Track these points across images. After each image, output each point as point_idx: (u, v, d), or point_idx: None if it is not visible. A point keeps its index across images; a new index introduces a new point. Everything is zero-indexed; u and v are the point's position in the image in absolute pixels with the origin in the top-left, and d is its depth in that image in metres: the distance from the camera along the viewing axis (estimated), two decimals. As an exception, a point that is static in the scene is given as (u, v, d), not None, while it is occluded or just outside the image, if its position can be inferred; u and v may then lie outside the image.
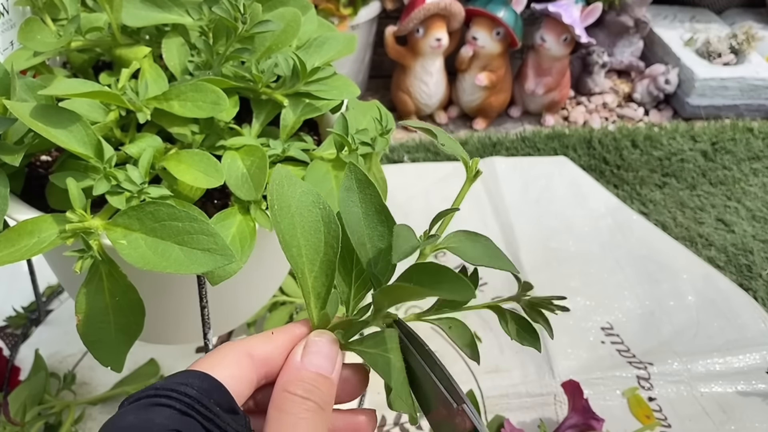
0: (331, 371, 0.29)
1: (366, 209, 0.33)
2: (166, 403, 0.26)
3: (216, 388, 0.27)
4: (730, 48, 1.31)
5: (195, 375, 0.27)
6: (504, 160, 1.06)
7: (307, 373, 0.29)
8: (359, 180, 0.33)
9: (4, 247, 0.38)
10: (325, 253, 0.31)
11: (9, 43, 0.48)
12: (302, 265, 0.31)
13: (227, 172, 0.43)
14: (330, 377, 0.29)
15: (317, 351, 0.30)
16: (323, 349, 0.30)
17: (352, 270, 0.33)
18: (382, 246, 0.32)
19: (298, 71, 0.46)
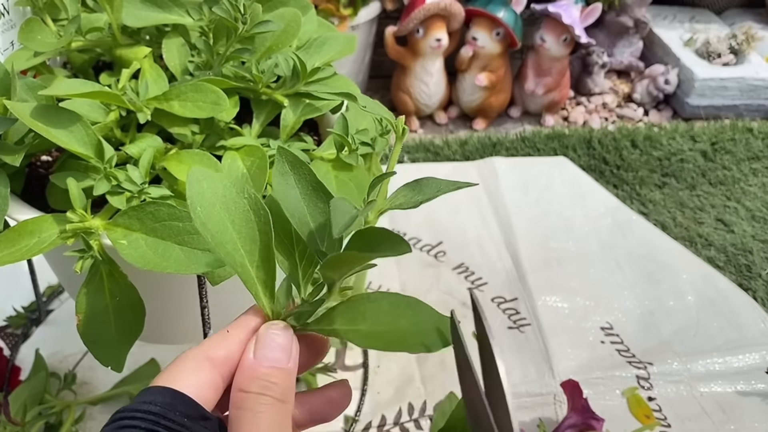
0: (287, 362, 0.29)
1: (303, 189, 0.33)
2: (130, 425, 0.26)
3: (180, 400, 0.27)
4: (729, 48, 1.32)
5: (157, 391, 0.28)
6: (504, 160, 1.06)
7: (261, 370, 0.29)
8: (291, 162, 0.33)
9: (4, 247, 0.38)
10: (261, 241, 0.31)
11: (9, 43, 0.48)
12: (241, 258, 0.31)
13: (227, 172, 0.43)
14: (285, 367, 0.29)
15: (269, 344, 0.29)
16: (275, 340, 0.29)
17: (294, 251, 0.33)
18: (324, 222, 0.32)
19: (298, 71, 0.46)
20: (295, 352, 0.30)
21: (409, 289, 0.83)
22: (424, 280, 0.85)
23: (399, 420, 0.68)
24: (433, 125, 1.27)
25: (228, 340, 0.30)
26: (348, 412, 0.69)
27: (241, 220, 0.31)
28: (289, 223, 0.32)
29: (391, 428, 0.68)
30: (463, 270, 0.87)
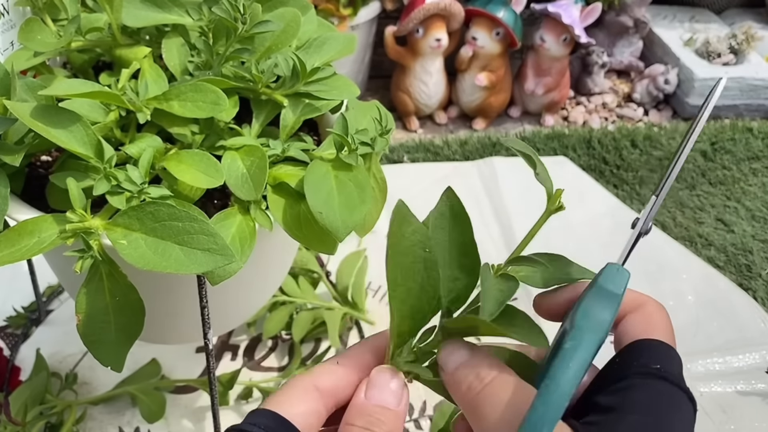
0: (396, 404, 0.30)
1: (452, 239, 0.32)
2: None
3: (282, 425, 0.28)
4: (729, 48, 1.32)
5: (262, 414, 0.28)
6: (504, 160, 1.06)
7: (369, 407, 0.29)
8: (453, 207, 0.33)
9: (4, 247, 0.38)
10: (418, 298, 0.30)
11: (9, 43, 0.48)
12: (394, 302, 0.30)
13: (227, 172, 0.43)
14: (394, 410, 0.29)
15: (380, 385, 0.30)
16: (386, 383, 0.30)
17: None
18: (460, 278, 0.31)
19: (297, 71, 0.46)
20: (405, 398, 0.30)
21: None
22: (424, 280, 0.85)
23: (399, 420, 0.68)
24: (433, 125, 1.27)
25: (336, 372, 0.31)
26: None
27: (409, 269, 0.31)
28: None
29: (391, 428, 0.68)
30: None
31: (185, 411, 0.67)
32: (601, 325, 0.26)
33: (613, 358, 0.29)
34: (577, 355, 0.25)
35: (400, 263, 0.30)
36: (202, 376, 0.70)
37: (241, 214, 0.43)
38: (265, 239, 0.44)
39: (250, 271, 0.43)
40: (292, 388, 0.30)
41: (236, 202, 0.43)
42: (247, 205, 0.43)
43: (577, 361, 0.25)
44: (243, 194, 0.42)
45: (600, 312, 0.27)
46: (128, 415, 0.67)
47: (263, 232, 0.43)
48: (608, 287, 0.29)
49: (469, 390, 0.28)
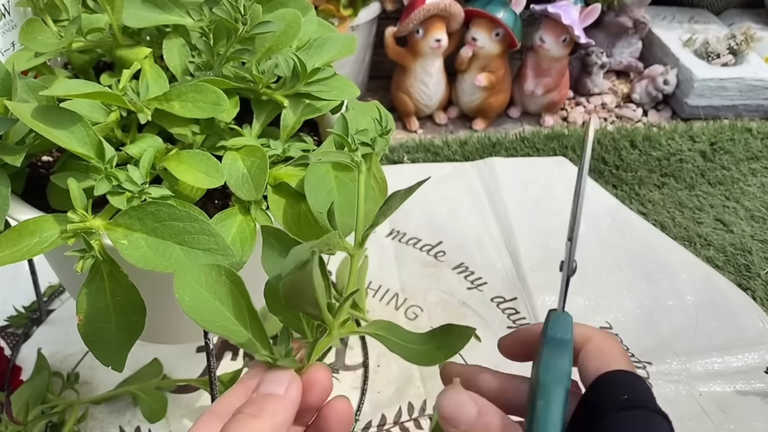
0: (282, 390, 0.31)
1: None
2: None
3: None
4: (728, 48, 1.32)
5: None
6: (503, 161, 1.07)
7: (257, 396, 0.31)
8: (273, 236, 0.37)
9: (5, 247, 0.38)
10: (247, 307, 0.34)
11: (10, 44, 0.48)
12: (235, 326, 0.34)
13: (228, 173, 0.43)
14: (280, 394, 0.31)
15: (269, 379, 0.32)
16: (275, 376, 0.32)
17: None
18: None
19: (298, 72, 0.46)
20: (294, 386, 0.31)
21: (409, 289, 0.83)
22: (424, 279, 0.85)
23: (399, 419, 0.68)
24: (433, 125, 1.27)
25: (230, 393, 0.32)
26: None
27: (226, 295, 0.34)
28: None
29: (391, 427, 0.68)
30: (462, 270, 0.87)
31: (186, 411, 0.68)
32: (562, 374, 0.30)
33: (584, 397, 0.30)
34: (551, 411, 0.28)
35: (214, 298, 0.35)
36: (202, 375, 0.70)
37: (242, 214, 0.43)
38: (266, 239, 0.44)
39: (250, 271, 0.43)
40: (196, 425, 0.31)
41: (237, 202, 0.43)
42: (247, 205, 0.43)
43: (552, 416, 0.28)
44: (243, 194, 0.42)
45: (558, 363, 0.30)
46: (129, 414, 0.67)
47: (264, 232, 0.43)
48: (558, 336, 0.31)
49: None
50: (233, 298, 0.34)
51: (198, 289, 0.34)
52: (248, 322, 0.34)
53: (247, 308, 0.34)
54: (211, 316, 0.33)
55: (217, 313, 0.34)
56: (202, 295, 0.34)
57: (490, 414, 0.30)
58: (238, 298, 0.34)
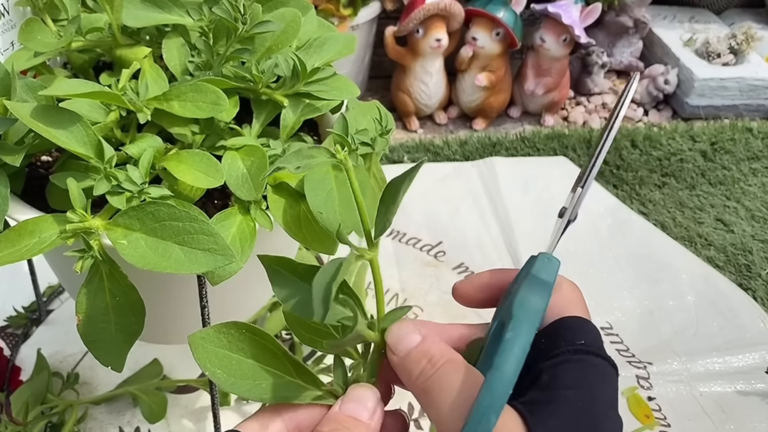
0: (367, 417, 0.30)
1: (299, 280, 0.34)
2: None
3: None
4: (729, 48, 1.32)
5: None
6: (504, 161, 1.06)
7: (341, 416, 0.30)
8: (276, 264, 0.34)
9: (4, 247, 0.38)
10: (283, 354, 0.33)
11: (9, 43, 0.48)
12: (286, 381, 0.33)
13: (227, 172, 0.43)
14: (365, 422, 0.30)
15: (355, 399, 0.31)
16: (361, 397, 0.31)
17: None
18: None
19: (298, 72, 0.46)
20: (377, 412, 0.31)
21: (409, 289, 0.83)
22: (424, 280, 0.85)
23: (399, 420, 0.68)
24: (433, 125, 1.27)
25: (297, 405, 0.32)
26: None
27: (255, 349, 0.32)
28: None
29: (391, 428, 0.68)
30: (463, 270, 0.87)
31: (186, 411, 0.68)
32: (537, 314, 0.29)
33: (540, 336, 0.30)
34: (517, 345, 0.27)
35: (249, 357, 0.33)
36: (202, 376, 0.70)
37: (242, 214, 0.43)
38: (265, 239, 0.44)
39: (250, 271, 0.43)
40: (255, 416, 0.31)
41: (236, 202, 0.43)
42: (247, 205, 0.43)
43: (517, 350, 0.27)
44: (243, 194, 0.42)
45: (535, 301, 0.29)
46: (129, 415, 0.67)
47: (263, 232, 0.43)
48: (541, 276, 0.31)
49: (421, 375, 0.29)
50: (266, 351, 0.32)
51: (224, 354, 0.32)
52: (291, 368, 0.32)
53: (284, 355, 0.32)
54: (253, 379, 0.32)
55: (259, 373, 0.32)
56: (232, 360, 0.32)
57: (430, 342, 0.30)
58: (271, 349, 0.32)
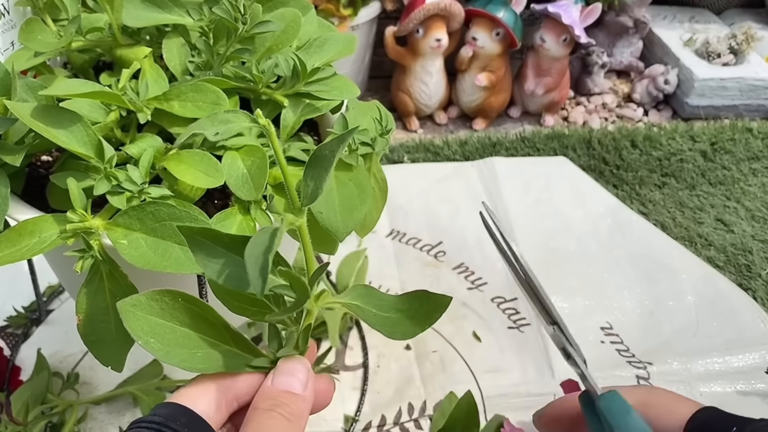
0: (301, 389, 0.31)
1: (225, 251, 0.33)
2: (137, 430, 0.29)
3: (182, 413, 0.30)
4: (729, 48, 1.32)
5: (162, 405, 0.31)
6: (504, 160, 1.06)
7: (274, 391, 0.31)
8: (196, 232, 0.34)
9: (4, 247, 0.38)
10: (218, 322, 0.33)
11: (10, 43, 0.48)
12: (219, 347, 0.33)
13: (227, 172, 0.43)
14: (299, 393, 0.31)
15: (285, 372, 0.31)
16: (291, 370, 0.32)
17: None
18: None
19: (298, 72, 0.46)
20: (310, 383, 0.32)
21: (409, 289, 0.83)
22: (424, 280, 0.85)
23: (399, 420, 0.68)
24: (433, 125, 1.27)
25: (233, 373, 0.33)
26: (348, 412, 0.69)
27: (191, 318, 0.32)
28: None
29: (391, 428, 0.68)
30: (463, 270, 0.87)
31: (185, 411, 0.67)
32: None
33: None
34: None
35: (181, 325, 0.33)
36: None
37: (242, 214, 0.43)
38: (266, 239, 0.44)
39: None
40: (190, 385, 0.32)
41: (237, 202, 0.43)
42: (247, 205, 0.43)
43: None
44: (243, 194, 0.42)
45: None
46: (129, 415, 0.67)
47: (263, 232, 0.43)
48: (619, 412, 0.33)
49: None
50: (202, 320, 0.32)
51: (157, 322, 0.32)
52: (229, 338, 0.32)
53: (220, 323, 0.32)
54: (186, 346, 0.32)
55: (191, 340, 0.32)
56: (166, 329, 0.32)
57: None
58: (208, 319, 0.32)
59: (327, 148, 0.32)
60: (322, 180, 0.32)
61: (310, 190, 0.32)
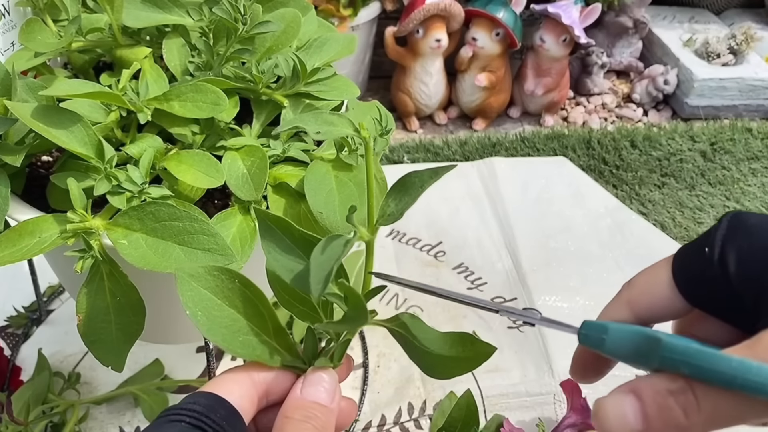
0: (330, 401, 0.32)
1: (288, 243, 0.34)
2: (176, 419, 0.29)
3: (220, 404, 0.30)
4: (728, 48, 1.32)
5: (201, 394, 0.31)
6: (503, 161, 1.07)
7: (306, 402, 0.31)
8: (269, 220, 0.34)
9: (5, 247, 0.38)
10: (266, 311, 0.33)
11: (10, 43, 0.48)
12: (260, 337, 0.33)
13: (228, 173, 0.43)
14: (328, 406, 0.32)
15: (315, 383, 0.32)
16: (321, 380, 0.32)
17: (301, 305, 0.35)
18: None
19: (298, 72, 0.46)
20: (337, 396, 0.32)
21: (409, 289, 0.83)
22: (424, 279, 0.85)
23: (399, 420, 0.68)
24: (433, 125, 1.27)
25: (267, 366, 0.33)
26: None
27: (242, 302, 0.33)
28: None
29: (391, 428, 0.68)
30: (462, 270, 0.87)
31: (185, 411, 0.68)
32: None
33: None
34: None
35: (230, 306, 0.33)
36: (202, 375, 0.70)
37: (242, 215, 0.43)
38: (266, 239, 0.44)
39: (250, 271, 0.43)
40: (226, 375, 0.32)
41: (237, 202, 0.43)
42: (247, 205, 0.43)
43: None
44: (243, 194, 0.42)
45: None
46: (129, 415, 0.67)
47: (263, 232, 0.43)
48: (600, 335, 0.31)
49: None
50: (252, 306, 0.33)
51: (209, 297, 0.32)
52: (272, 331, 0.33)
53: (268, 315, 0.33)
54: (227, 330, 0.32)
55: (237, 323, 0.32)
56: (215, 306, 0.32)
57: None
58: (257, 307, 0.33)
59: (417, 177, 0.33)
60: (404, 206, 0.33)
61: (388, 212, 0.33)
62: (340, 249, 0.29)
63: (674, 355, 0.25)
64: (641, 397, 0.27)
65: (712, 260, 0.28)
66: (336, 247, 0.29)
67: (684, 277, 0.31)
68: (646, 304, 0.32)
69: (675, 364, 0.25)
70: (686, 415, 0.24)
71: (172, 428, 0.29)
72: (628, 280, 0.33)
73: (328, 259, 0.28)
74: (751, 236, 0.28)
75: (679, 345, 0.25)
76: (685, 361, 0.25)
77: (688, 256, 0.31)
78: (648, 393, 0.27)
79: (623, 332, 0.28)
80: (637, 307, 0.32)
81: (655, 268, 0.32)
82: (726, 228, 0.28)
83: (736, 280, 0.27)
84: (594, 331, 0.30)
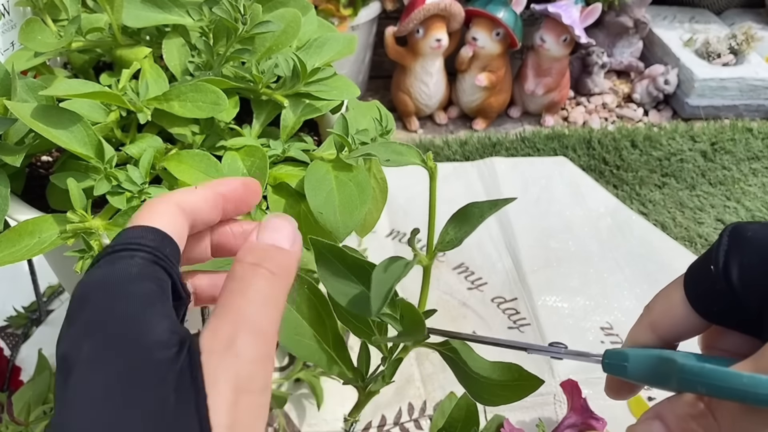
0: (288, 244, 0.29)
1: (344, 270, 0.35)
2: (129, 255, 0.26)
3: (167, 242, 0.27)
4: (729, 48, 1.32)
5: (144, 229, 0.27)
6: (504, 161, 1.06)
7: (260, 245, 0.28)
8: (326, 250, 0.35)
9: (5, 247, 0.38)
10: (328, 320, 0.35)
11: (10, 43, 0.48)
12: (320, 345, 0.34)
13: (227, 173, 0.43)
14: (285, 249, 0.28)
15: (272, 228, 0.29)
16: (278, 225, 0.29)
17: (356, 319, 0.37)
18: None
19: (298, 72, 0.46)
20: (297, 240, 0.29)
21: (409, 289, 0.83)
22: (424, 280, 0.85)
23: (399, 420, 0.68)
24: (433, 125, 1.27)
25: (196, 193, 0.30)
26: (348, 411, 0.69)
27: (307, 308, 0.34)
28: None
29: (391, 428, 0.68)
30: (463, 270, 0.87)
31: (185, 411, 0.67)
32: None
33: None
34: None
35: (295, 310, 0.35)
36: (202, 376, 0.70)
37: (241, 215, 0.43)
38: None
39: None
40: (155, 205, 0.28)
41: (236, 202, 0.43)
42: (247, 205, 0.43)
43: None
44: (243, 194, 0.42)
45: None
46: (128, 415, 0.67)
47: (263, 232, 0.43)
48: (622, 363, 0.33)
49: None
50: (314, 312, 0.33)
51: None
52: (331, 340, 0.33)
53: (330, 327, 0.33)
54: (291, 331, 0.32)
55: (298, 328, 0.32)
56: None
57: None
58: (320, 314, 0.33)
59: (477, 207, 0.35)
60: (464, 234, 0.35)
61: (447, 239, 0.35)
62: (400, 269, 0.30)
63: (690, 377, 0.27)
64: (665, 422, 0.29)
65: (718, 275, 0.29)
66: (397, 268, 0.30)
67: (695, 295, 0.32)
68: (667, 325, 0.32)
69: (692, 385, 0.27)
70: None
71: (128, 264, 0.25)
72: (647, 304, 0.34)
73: (389, 278, 0.30)
74: (750, 247, 0.28)
75: (694, 366, 0.27)
76: (701, 381, 0.26)
77: (696, 274, 0.32)
78: (671, 418, 0.29)
79: (642, 357, 0.31)
80: (659, 329, 0.33)
81: (669, 289, 0.33)
82: (727, 243, 0.29)
83: (741, 292, 0.28)
84: (616, 359, 0.33)
